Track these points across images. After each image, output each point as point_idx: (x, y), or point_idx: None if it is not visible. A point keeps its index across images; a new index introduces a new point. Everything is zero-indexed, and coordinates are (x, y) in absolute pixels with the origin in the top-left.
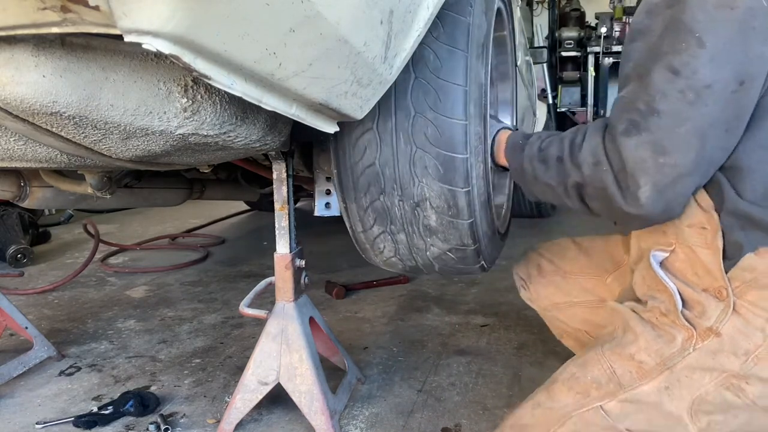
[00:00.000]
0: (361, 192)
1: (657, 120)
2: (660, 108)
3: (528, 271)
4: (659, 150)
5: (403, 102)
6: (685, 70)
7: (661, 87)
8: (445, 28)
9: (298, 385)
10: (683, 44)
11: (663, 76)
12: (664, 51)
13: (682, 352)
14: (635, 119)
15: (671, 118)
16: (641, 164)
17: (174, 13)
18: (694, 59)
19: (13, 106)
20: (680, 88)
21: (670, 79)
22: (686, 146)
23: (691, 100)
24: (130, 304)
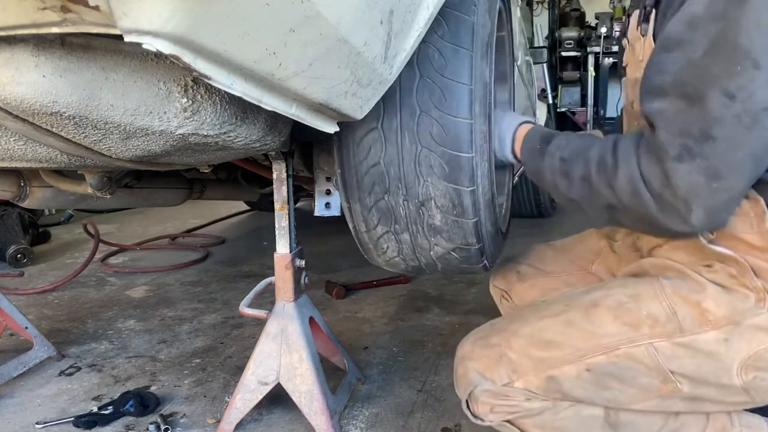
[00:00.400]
0: (365, 191)
1: (712, 146)
2: (716, 134)
3: (507, 280)
4: (713, 175)
5: (408, 101)
6: (742, 94)
7: (716, 113)
8: (449, 27)
9: (298, 385)
10: (738, 67)
11: (719, 101)
12: (717, 74)
13: (755, 309)
14: (689, 145)
15: (727, 143)
16: (694, 189)
17: (174, 13)
18: (750, 82)
19: (13, 106)
20: (736, 112)
21: (726, 104)
22: (741, 170)
23: (748, 124)
24: (130, 304)
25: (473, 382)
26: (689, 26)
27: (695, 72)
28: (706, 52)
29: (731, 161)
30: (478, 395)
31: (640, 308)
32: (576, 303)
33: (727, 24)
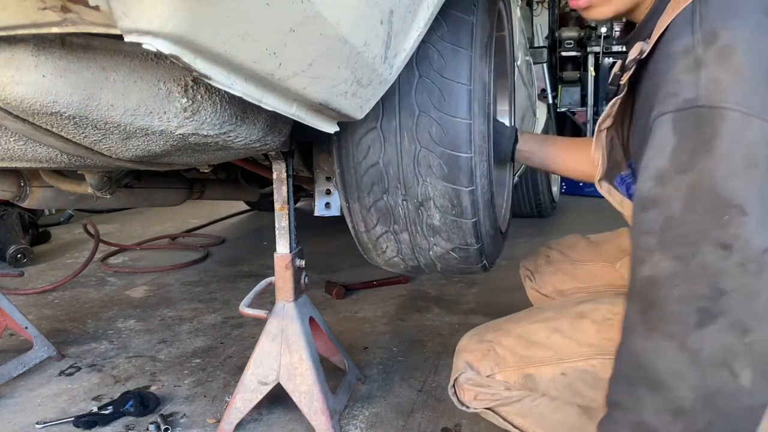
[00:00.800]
0: (365, 191)
1: (728, 300)
2: (726, 287)
3: (536, 262)
4: (742, 329)
5: (407, 101)
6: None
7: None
8: (449, 27)
9: (298, 385)
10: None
11: (715, 254)
12: (704, 228)
13: None
14: (704, 306)
15: (741, 294)
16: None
17: (174, 13)
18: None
19: (13, 106)
20: (738, 262)
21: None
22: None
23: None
24: (130, 304)
25: (459, 369)
26: (658, 182)
27: (680, 230)
28: (684, 207)
29: (754, 311)
30: (462, 382)
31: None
32: (566, 312)
33: (699, 175)
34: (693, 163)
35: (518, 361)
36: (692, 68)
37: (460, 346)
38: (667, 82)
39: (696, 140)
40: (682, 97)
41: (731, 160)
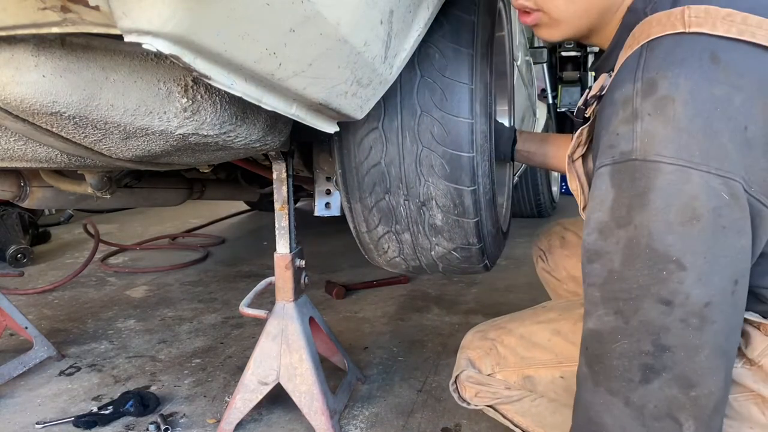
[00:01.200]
0: (366, 191)
1: (671, 356)
2: (668, 343)
3: (550, 243)
4: (686, 384)
5: (408, 101)
6: (677, 298)
7: (659, 322)
8: (450, 27)
9: (298, 385)
10: (663, 272)
11: (656, 310)
12: (643, 283)
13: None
14: (648, 362)
15: (684, 350)
16: (675, 403)
17: (174, 13)
18: (681, 284)
19: (13, 106)
20: (680, 317)
21: (665, 312)
22: (712, 370)
23: (696, 325)
24: (130, 304)
25: (461, 367)
26: (600, 235)
27: (619, 285)
28: (622, 261)
29: (698, 366)
30: (464, 380)
31: None
32: (570, 314)
33: (636, 229)
34: (630, 217)
35: (519, 362)
36: (630, 119)
37: (464, 342)
38: (608, 132)
39: (631, 194)
40: (618, 150)
41: (667, 214)
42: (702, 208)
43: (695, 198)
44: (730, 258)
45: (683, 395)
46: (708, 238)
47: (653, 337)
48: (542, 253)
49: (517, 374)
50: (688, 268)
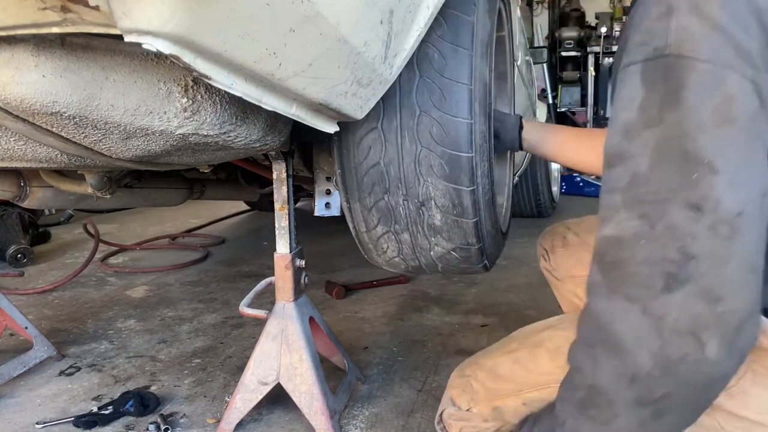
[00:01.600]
0: (365, 192)
1: (696, 266)
2: (695, 252)
3: (552, 242)
4: (712, 298)
5: (407, 101)
6: (707, 204)
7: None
8: (449, 27)
9: (298, 385)
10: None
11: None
12: (672, 186)
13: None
14: (672, 271)
15: (711, 260)
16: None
17: (174, 13)
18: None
19: (13, 106)
20: (709, 224)
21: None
22: (741, 285)
23: (727, 234)
24: (130, 304)
25: (444, 405)
26: (625, 136)
27: (645, 188)
28: (650, 164)
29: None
30: (446, 418)
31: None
32: (527, 341)
33: (667, 129)
34: (661, 116)
35: (488, 395)
36: (664, 15)
37: (449, 381)
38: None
39: (664, 92)
40: (651, 46)
41: (700, 113)
42: (738, 112)
43: (732, 99)
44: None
45: (709, 311)
46: (742, 143)
47: (679, 244)
48: (545, 252)
49: (488, 407)
50: (720, 172)
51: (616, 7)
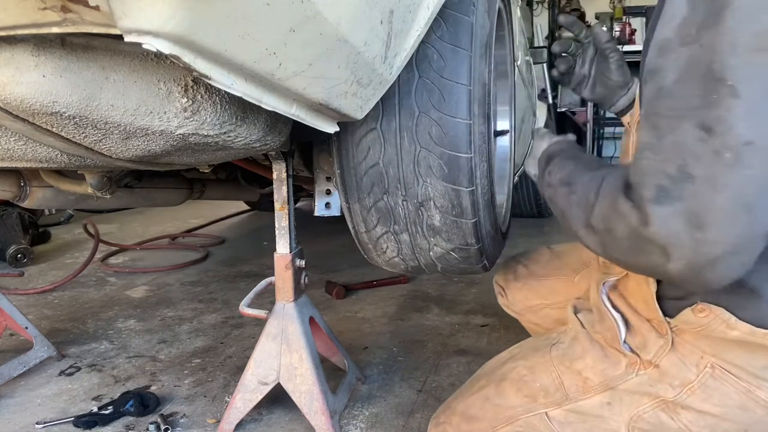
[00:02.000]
0: (365, 192)
1: (691, 187)
2: (694, 172)
3: (505, 277)
4: (695, 223)
5: (407, 102)
6: (719, 126)
7: (693, 148)
8: (448, 28)
9: (298, 385)
10: (714, 95)
11: (694, 134)
12: (690, 104)
13: (625, 375)
14: (665, 185)
15: (707, 184)
16: (676, 237)
17: (174, 13)
18: (728, 113)
19: (13, 106)
20: (715, 147)
21: (702, 138)
22: (728, 219)
23: (729, 161)
24: (130, 304)
25: None
26: (660, 52)
27: (666, 102)
28: (677, 78)
29: (713, 207)
30: None
31: (535, 380)
32: (492, 377)
33: (701, 48)
34: (698, 36)
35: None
36: None
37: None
38: None
39: (706, 12)
40: None
41: (737, 35)
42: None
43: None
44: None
45: (687, 234)
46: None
47: (681, 161)
48: (501, 289)
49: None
50: (741, 97)
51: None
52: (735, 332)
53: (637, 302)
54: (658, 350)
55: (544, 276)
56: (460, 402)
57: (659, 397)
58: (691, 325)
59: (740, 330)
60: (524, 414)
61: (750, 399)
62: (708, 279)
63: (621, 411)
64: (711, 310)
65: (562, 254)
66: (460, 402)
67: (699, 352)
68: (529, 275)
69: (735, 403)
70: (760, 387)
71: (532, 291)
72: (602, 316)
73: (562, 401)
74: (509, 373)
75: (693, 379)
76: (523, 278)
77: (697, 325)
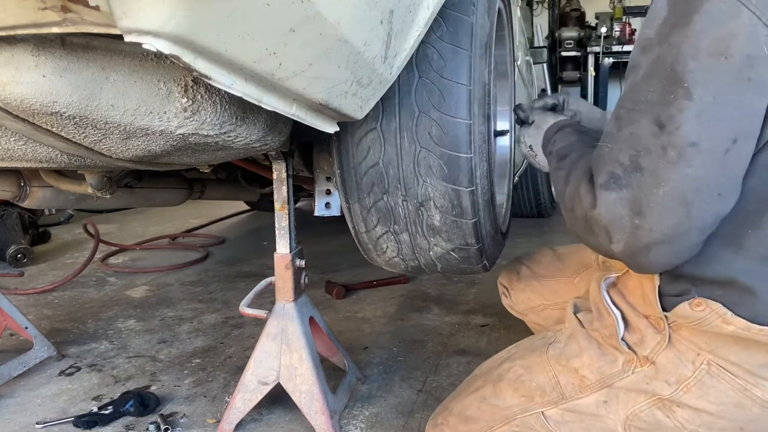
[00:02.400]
0: (365, 192)
1: (639, 177)
2: (643, 164)
3: (509, 278)
4: (636, 210)
5: (407, 102)
6: (670, 124)
7: (645, 142)
8: (448, 28)
9: (298, 385)
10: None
11: (649, 129)
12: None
13: (622, 373)
14: (617, 173)
15: (651, 177)
16: (618, 221)
17: (174, 13)
18: (679, 113)
19: (13, 106)
20: (663, 144)
21: (655, 133)
22: (665, 211)
23: (673, 159)
24: (130, 304)
25: None
26: (641, 50)
27: (632, 95)
28: (644, 75)
29: (654, 198)
30: None
31: (531, 379)
32: (489, 377)
33: (669, 47)
34: (669, 35)
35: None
36: None
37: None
38: None
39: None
40: None
41: (701, 39)
42: (736, 49)
43: (735, 36)
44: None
45: (628, 218)
46: (728, 80)
47: (633, 152)
48: (505, 289)
49: None
50: (693, 100)
51: (616, 7)
52: (731, 327)
53: (635, 299)
54: (655, 346)
55: (546, 277)
56: (457, 403)
57: (656, 394)
58: (688, 319)
59: (736, 325)
60: (521, 414)
61: (746, 397)
62: (642, 262)
63: (617, 409)
64: (708, 304)
65: (564, 256)
66: (457, 403)
67: (696, 348)
68: (532, 276)
69: (731, 400)
70: (756, 385)
71: (534, 292)
72: (601, 314)
73: (558, 400)
74: (506, 373)
75: (689, 376)
76: (525, 279)
77: (694, 319)
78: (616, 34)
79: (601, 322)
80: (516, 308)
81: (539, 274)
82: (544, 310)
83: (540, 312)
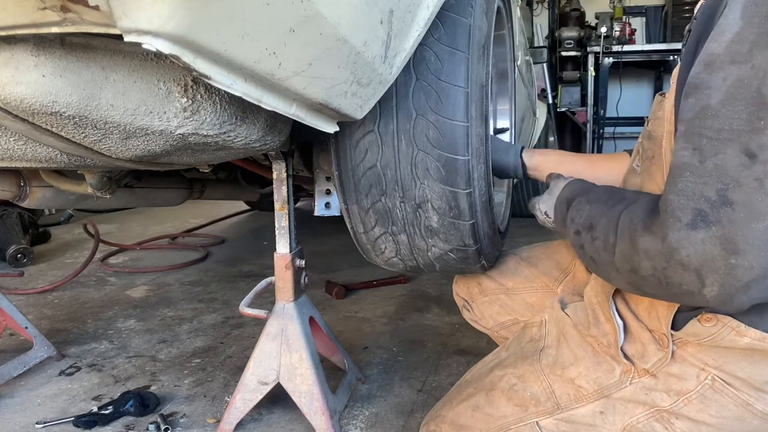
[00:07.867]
0: (363, 193)
1: (730, 213)
2: (734, 198)
3: (469, 290)
4: (730, 248)
5: (404, 104)
6: (764, 153)
7: (734, 173)
8: (446, 30)
9: (298, 385)
10: (761, 121)
11: (737, 159)
12: (736, 127)
13: (620, 384)
14: (703, 209)
15: (746, 211)
16: (709, 263)
17: (174, 13)
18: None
19: (13, 106)
20: (757, 175)
21: (745, 164)
22: (765, 245)
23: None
24: (130, 304)
25: None
26: (707, 67)
27: (711, 122)
28: (724, 99)
29: (752, 233)
30: None
31: (525, 389)
32: (481, 384)
33: (752, 69)
34: (750, 55)
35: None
36: None
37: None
38: None
39: (761, 30)
40: None
41: None
42: None
43: None
44: None
45: (722, 258)
46: None
47: (721, 186)
48: (465, 302)
49: None
50: None
51: (616, 7)
52: (746, 339)
53: (641, 311)
54: (657, 362)
55: (516, 290)
56: (449, 410)
57: (654, 406)
58: (698, 336)
59: (751, 336)
60: (515, 424)
61: (747, 411)
62: (742, 302)
63: (614, 420)
64: (719, 318)
65: (534, 260)
66: (449, 410)
67: (700, 364)
68: (498, 289)
69: (732, 414)
70: (759, 399)
71: (504, 307)
72: (599, 320)
73: (553, 410)
74: (498, 381)
75: (691, 390)
76: (491, 292)
77: (705, 335)
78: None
79: (599, 329)
80: (482, 323)
81: (506, 287)
82: (516, 325)
83: (512, 327)
